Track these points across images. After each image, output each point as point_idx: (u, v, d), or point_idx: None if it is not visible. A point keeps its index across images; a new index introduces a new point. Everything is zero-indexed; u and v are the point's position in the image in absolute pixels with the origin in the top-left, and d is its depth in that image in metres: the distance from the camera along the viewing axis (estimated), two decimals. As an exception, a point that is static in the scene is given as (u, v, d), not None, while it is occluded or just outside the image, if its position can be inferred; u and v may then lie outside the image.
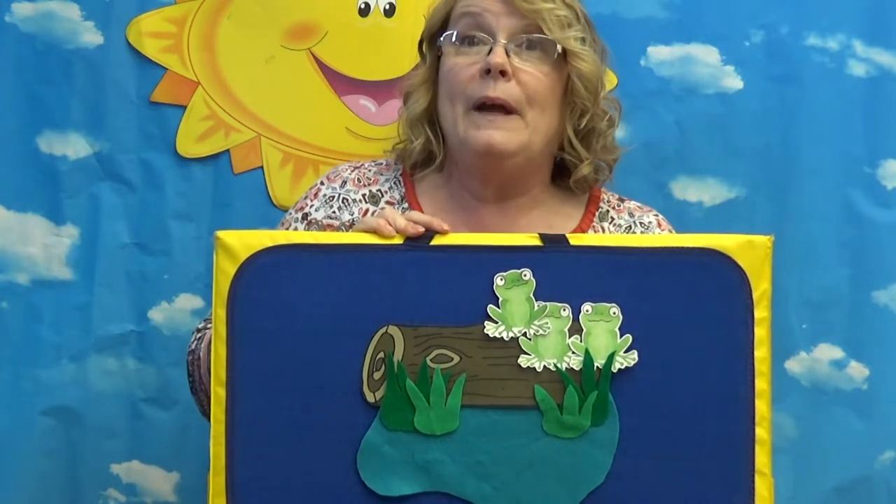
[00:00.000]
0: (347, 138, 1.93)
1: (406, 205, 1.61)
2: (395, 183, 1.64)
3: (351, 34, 1.92)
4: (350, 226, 1.57)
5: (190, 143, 1.92)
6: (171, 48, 1.91)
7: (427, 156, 1.64)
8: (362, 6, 1.91)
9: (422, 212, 1.58)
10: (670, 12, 1.95)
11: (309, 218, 1.61)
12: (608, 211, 1.65)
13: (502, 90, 1.52)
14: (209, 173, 1.92)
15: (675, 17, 1.95)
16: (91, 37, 1.90)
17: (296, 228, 1.61)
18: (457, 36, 1.56)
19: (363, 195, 1.62)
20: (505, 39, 1.53)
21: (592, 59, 1.57)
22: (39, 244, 1.91)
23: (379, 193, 1.63)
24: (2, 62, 1.90)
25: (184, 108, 1.91)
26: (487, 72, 1.52)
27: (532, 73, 1.54)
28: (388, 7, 1.92)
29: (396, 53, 1.92)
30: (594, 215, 1.64)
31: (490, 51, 1.53)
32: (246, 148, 1.92)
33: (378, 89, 1.93)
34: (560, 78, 1.56)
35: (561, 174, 1.65)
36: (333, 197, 1.62)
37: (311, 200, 1.63)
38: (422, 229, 1.41)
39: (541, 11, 1.53)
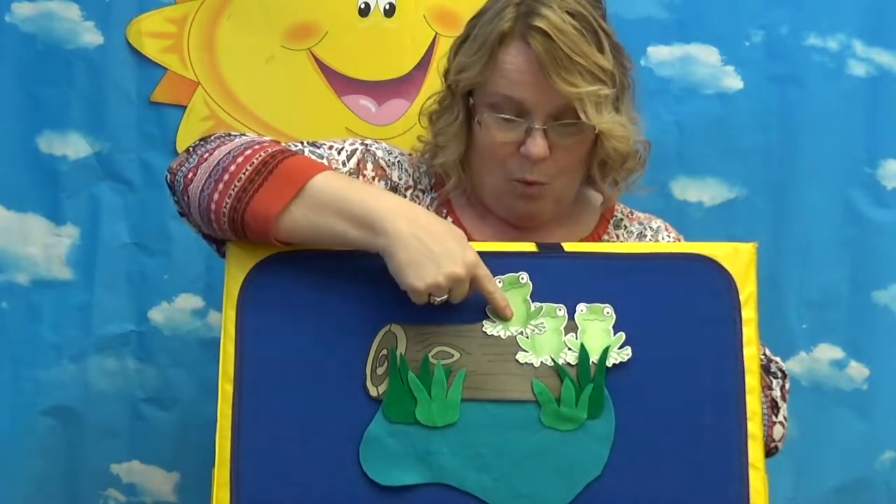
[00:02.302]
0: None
1: (434, 193, 1.62)
2: (429, 182, 1.64)
3: (351, 34, 1.92)
4: (394, 188, 1.58)
5: (190, 143, 1.91)
6: (171, 48, 1.91)
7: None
8: (362, 6, 1.92)
9: (451, 210, 1.61)
10: (670, 12, 1.96)
11: (370, 148, 1.59)
12: (622, 219, 1.68)
13: (539, 172, 1.52)
14: (209, 173, 1.92)
15: (675, 17, 1.96)
16: (91, 37, 1.90)
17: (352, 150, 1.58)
18: (494, 111, 1.52)
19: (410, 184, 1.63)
20: (541, 122, 1.50)
21: (626, 138, 1.54)
22: (39, 244, 1.91)
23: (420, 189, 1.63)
24: (2, 62, 1.90)
25: (184, 108, 1.91)
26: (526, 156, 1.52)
27: (567, 151, 1.53)
28: (388, 7, 1.92)
29: (396, 53, 1.93)
30: (609, 223, 1.66)
31: (528, 129, 1.50)
32: (246, 148, 1.92)
33: (378, 89, 1.93)
34: (591, 139, 1.54)
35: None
36: (391, 162, 1.61)
37: (375, 141, 1.63)
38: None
39: (581, 95, 1.49)
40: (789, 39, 1.96)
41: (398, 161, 1.61)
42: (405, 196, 1.59)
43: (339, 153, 1.56)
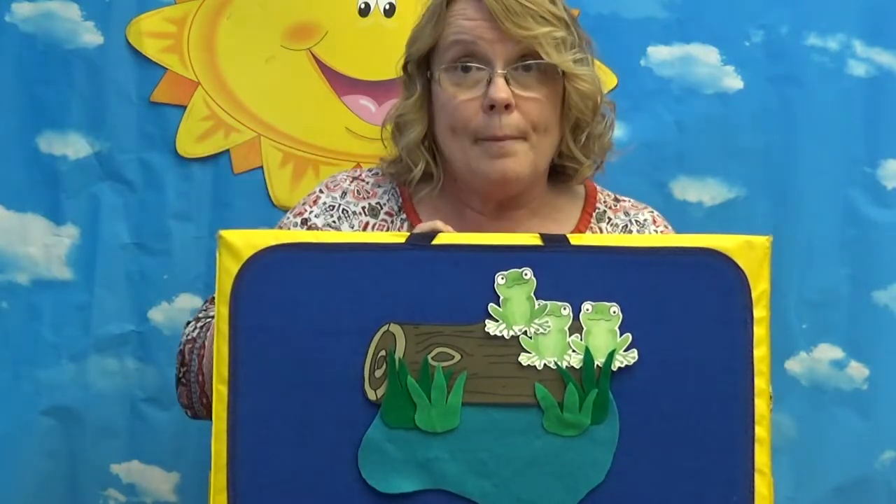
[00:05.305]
0: (347, 138, 1.93)
1: (404, 216, 1.61)
2: (392, 194, 1.63)
3: (351, 34, 1.92)
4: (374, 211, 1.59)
5: (190, 143, 1.92)
6: (171, 48, 1.91)
7: (425, 175, 1.61)
8: (362, 6, 1.92)
9: (420, 222, 1.58)
10: (670, 12, 1.95)
11: (309, 223, 1.60)
12: (605, 211, 1.65)
13: (508, 125, 1.50)
14: (209, 173, 1.92)
15: (675, 17, 1.95)
16: (91, 37, 1.90)
17: None
18: (450, 65, 1.53)
19: (363, 208, 1.61)
20: (502, 68, 1.50)
21: (591, 78, 1.54)
22: (39, 244, 1.91)
23: (378, 206, 1.62)
24: (2, 62, 1.90)
25: (184, 108, 1.91)
26: (491, 107, 1.50)
27: (534, 100, 1.51)
28: (388, 7, 1.92)
29: (396, 53, 1.90)
30: (591, 217, 1.63)
31: (489, 80, 1.50)
32: (246, 148, 1.92)
33: (378, 89, 1.93)
34: (558, 93, 1.54)
35: (555, 172, 1.64)
36: (333, 206, 1.61)
37: (311, 207, 1.62)
38: None
39: (538, 37, 1.49)
40: (789, 39, 1.96)
41: (367, 191, 1.63)
42: (377, 217, 1.61)
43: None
